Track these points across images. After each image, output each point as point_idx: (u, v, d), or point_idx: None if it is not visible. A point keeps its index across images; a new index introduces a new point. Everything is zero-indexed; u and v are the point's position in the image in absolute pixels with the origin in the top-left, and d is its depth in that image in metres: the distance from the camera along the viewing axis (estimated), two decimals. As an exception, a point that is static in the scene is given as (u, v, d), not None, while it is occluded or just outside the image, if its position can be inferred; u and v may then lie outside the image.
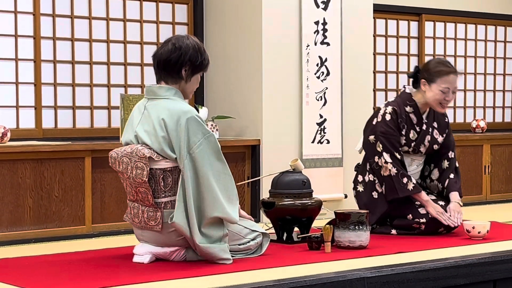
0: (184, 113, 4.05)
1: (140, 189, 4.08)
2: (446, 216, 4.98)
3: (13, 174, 5.13)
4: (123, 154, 4.13)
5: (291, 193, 4.75)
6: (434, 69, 5.03)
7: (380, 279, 3.84)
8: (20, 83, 5.75)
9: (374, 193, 5.04)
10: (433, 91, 5.01)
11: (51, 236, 5.20)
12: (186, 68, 4.16)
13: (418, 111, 5.10)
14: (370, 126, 5.12)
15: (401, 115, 5.04)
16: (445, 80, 5.00)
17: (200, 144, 4.03)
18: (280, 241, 4.77)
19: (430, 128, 5.14)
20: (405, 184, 4.94)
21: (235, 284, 3.55)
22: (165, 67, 4.15)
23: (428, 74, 5.04)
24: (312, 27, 6.22)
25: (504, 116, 8.34)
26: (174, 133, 4.03)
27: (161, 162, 4.07)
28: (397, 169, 4.94)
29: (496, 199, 7.41)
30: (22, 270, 3.99)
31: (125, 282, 3.65)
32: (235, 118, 6.17)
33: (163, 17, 6.35)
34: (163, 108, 4.09)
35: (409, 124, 5.07)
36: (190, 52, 4.14)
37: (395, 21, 7.57)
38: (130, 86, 6.19)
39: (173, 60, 4.13)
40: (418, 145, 5.10)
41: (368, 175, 5.08)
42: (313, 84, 6.24)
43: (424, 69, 5.10)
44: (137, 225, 4.16)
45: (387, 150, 4.98)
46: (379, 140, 5.00)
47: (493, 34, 8.20)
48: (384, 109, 5.07)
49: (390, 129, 5.01)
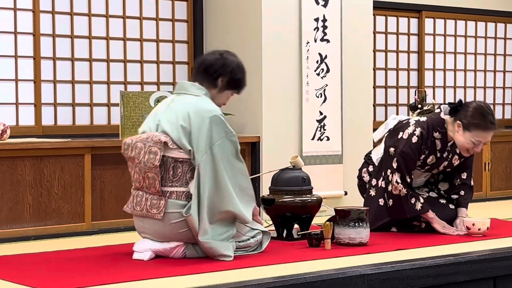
0: (210, 111, 4.15)
1: (148, 175, 4.12)
2: (453, 229, 4.95)
3: (12, 171, 5.13)
4: (138, 140, 4.20)
5: (291, 190, 4.75)
6: (472, 120, 4.81)
7: (380, 276, 3.84)
8: (20, 80, 5.74)
9: (381, 200, 5.00)
10: (465, 138, 4.84)
11: (51, 233, 5.19)
12: (224, 79, 4.28)
13: (446, 139, 4.95)
14: (395, 137, 4.99)
15: (426, 141, 4.91)
16: (480, 134, 4.82)
17: (222, 142, 4.12)
18: (280, 238, 4.77)
19: (450, 155, 5.01)
20: (413, 204, 4.89)
21: (235, 281, 3.55)
22: (206, 70, 4.28)
23: (466, 120, 4.82)
24: (312, 24, 6.22)
25: (504, 113, 8.34)
26: (197, 127, 4.10)
27: (175, 151, 4.12)
28: (407, 190, 4.88)
29: (496, 196, 7.41)
30: (21, 267, 3.99)
31: (125, 279, 3.65)
32: (235, 115, 6.17)
33: (162, 14, 6.35)
34: (190, 103, 4.19)
35: (432, 149, 4.95)
36: (233, 66, 4.30)
37: (395, 18, 7.56)
38: (130, 83, 6.19)
39: (215, 67, 4.27)
40: (432, 168, 5.06)
41: (381, 182, 5.01)
42: (313, 81, 6.23)
43: (463, 110, 4.85)
44: (139, 213, 4.17)
45: (400, 171, 4.88)
46: (396, 157, 4.90)
47: (493, 31, 8.20)
48: (413, 128, 4.92)
49: (412, 152, 4.89)
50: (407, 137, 4.92)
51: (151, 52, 6.29)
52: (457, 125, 4.86)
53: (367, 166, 5.22)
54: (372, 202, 5.02)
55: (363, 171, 5.23)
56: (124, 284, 3.57)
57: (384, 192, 4.98)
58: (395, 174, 4.90)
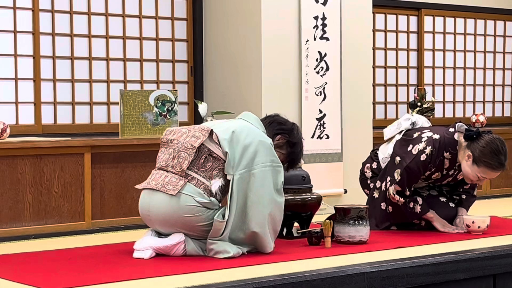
0: (264, 137, 4.25)
1: (181, 154, 4.17)
2: (452, 227, 4.95)
3: (12, 170, 5.13)
4: (184, 127, 4.30)
5: (291, 189, 4.75)
6: (484, 157, 4.75)
7: (380, 274, 3.84)
8: (19, 79, 5.74)
9: (383, 204, 5.00)
10: (472, 171, 4.80)
11: (51, 232, 5.20)
12: (281, 139, 4.40)
13: (455, 160, 4.90)
14: (404, 148, 4.95)
15: (434, 160, 4.86)
16: (488, 172, 4.80)
17: (265, 167, 4.15)
18: (280, 236, 4.76)
19: (456, 172, 4.98)
20: (412, 208, 4.90)
21: (235, 279, 3.55)
22: (271, 123, 4.42)
23: (477, 154, 4.77)
24: (311, 22, 6.22)
25: (503, 110, 8.34)
26: (246, 141, 4.17)
27: (214, 145, 4.18)
28: (404, 198, 4.88)
29: (496, 194, 7.41)
30: (21, 266, 3.99)
31: (126, 278, 3.65)
32: (235, 113, 6.16)
33: (162, 13, 6.35)
34: (247, 127, 4.27)
35: (439, 167, 4.91)
36: (294, 133, 4.45)
37: (394, 16, 7.56)
38: (129, 82, 6.19)
39: (281, 126, 4.43)
40: (434, 184, 5.07)
41: (385, 185, 4.98)
42: (313, 79, 6.23)
43: (478, 144, 4.79)
44: (152, 186, 4.19)
45: (401, 185, 4.86)
46: (401, 170, 4.86)
47: (492, 28, 8.20)
48: (424, 146, 4.85)
49: (417, 169, 4.85)
50: (416, 153, 4.86)
51: (151, 50, 6.29)
52: (467, 156, 4.80)
53: (371, 162, 5.19)
54: (375, 204, 5.01)
55: (366, 166, 5.21)
56: (125, 282, 3.57)
57: (385, 197, 4.98)
58: (395, 186, 4.87)
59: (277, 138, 4.40)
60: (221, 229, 4.07)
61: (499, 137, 4.84)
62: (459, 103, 8.03)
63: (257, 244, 4.18)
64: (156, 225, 4.20)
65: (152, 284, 3.54)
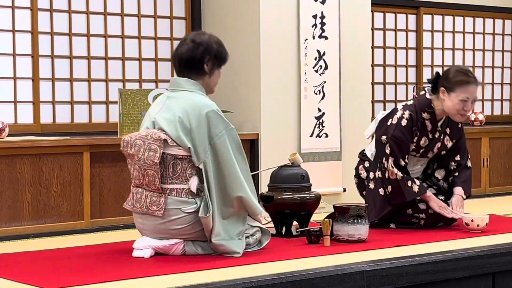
0: (207, 106, 4.12)
1: (148, 172, 4.11)
2: (449, 210, 4.97)
3: (11, 169, 5.13)
4: (137, 137, 4.17)
5: (290, 187, 4.75)
6: (454, 78, 4.90)
7: (379, 272, 3.84)
8: (18, 78, 5.74)
9: (381, 190, 5.01)
10: (452, 100, 4.90)
11: (50, 231, 5.20)
12: (209, 63, 4.23)
13: (435, 118, 5.00)
14: (384, 126, 5.03)
15: (416, 122, 4.95)
16: (465, 90, 4.88)
17: (222, 135, 4.11)
18: (279, 235, 4.77)
19: (442, 135, 5.06)
20: (410, 187, 4.91)
21: (234, 278, 3.55)
22: (188, 65, 4.21)
23: (448, 83, 4.91)
24: (310, 21, 6.22)
25: (502, 109, 8.34)
26: (196, 124, 4.08)
27: (174, 148, 4.10)
28: (402, 173, 4.90)
29: (495, 192, 7.42)
30: (20, 265, 3.99)
31: (125, 277, 3.65)
32: (233, 112, 6.17)
33: (160, 11, 6.34)
34: (187, 99, 4.15)
35: (423, 131, 4.99)
36: (211, 47, 4.22)
37: (393, 15, 7.56)
38: (128, 81, 6.19)
39: (195, 57, 4.19)
40: (426, 152, 5.07)
41: (378, 172, 5.03)
42: (311, 78, 6.23)
43: (444, 76, 4.97)
44: (138, 210, 4.17)
45: (394, 155, 4.92)
46: (389, 143, 4.93)
47: (491, 27, 8.20)
48: (401, 112, 4.97)
49: (403, 135, 4.92)
50: (397, 121, 4.95)
51: (149, 49, 6.29)
52: (442, 92, 4.93)
53: (363, 162, 5.22)
54: (373, 194, 5.03)
55: (359, 168, 5.23)
56: (124, 281, 3.57)
57: (382, 181, 4.99)
58: (390, 159, 4.92)
59: (206, 68, 4.22)
60: (210, 223, 4.04)
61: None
62: (458, 102, 8.03)
63: (248, 207, 4.15)
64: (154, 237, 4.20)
65: (151, 282, 3.54)
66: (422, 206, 5.01)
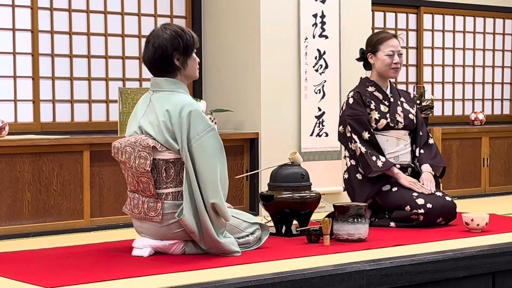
0: (187, 106, 4.05)
1: (142, 179, 4.09)
2: (419, 185, 5.09)
3: (11, 168, 5.13)
4: (127, 144, 4.13)
5: (290, 186, 4.75)
6: (374, 39, 5.25)
7: (378, 271, 3.84)
8: (18, 77, 5.74)
9: (358, 175, 5.14)
10: (380, 58, 5.21)
11: (50, 230, 5.20)
12: (177, 57, 4.15)
13: (380, 88, 5.26)
14: (339, 118, 5.27)
15: (365, 95, 5.19)
16: (387, 44, 5.20)
17: (199, 138, 4.03)
18: (279, 234, 4.77)
19: (398, 101, 5.27)
20: (374, 162, 5.05)
21: (234, 277, 3.55)
22: (158, 68, 4.15)
23: (371, 46, 5.25)
24: (310, 20, 6.22)
25: (502, 108, 8.34)
26: (177, 124, 4.03)
27: (165, 152, 4.07)
28: (365, 147, 5.07)
29: (495, 192, 7.41)
30: (20, 264, 3.99)
31: (125, 276, 3.65)
32: (234, 111, 6.17)
33: (161, 11, 6.34)
34: (167, 100, 4.10)
35: (376, 100, 5.21)
36: (170, 44, 4.10)
37: (393, 14, 7.56)
38: (128, 80, 6.19)
39: (161, 59, 4.12)
40: (393, 115, 5.21)
41: (350, 161, 5.19)
42: (312, 77, 6.23)
43: (366, 45, 5.30)
44: (137, 216, 4.16)
45: (354, 131, 5.10)
46: (347, 124, 5.14)
47: (491, 26, 8.20)
48: (347, 96, 5.24)
49: (355, 110, 5.15)
50: (345, 105, 5.21)
51: (150, 48, 6.28)
52: (370, 58, 5.27)
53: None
54: (349, 182, 5.18)
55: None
56: (124, 280, 3.57)
57: (357, 167, 5.13)
58: (353, 137, 5.10)
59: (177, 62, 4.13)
60: (189, 225, 3.99)
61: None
62: (458, 101, 8.03)
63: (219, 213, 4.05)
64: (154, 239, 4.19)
65: (151, 281, 3.54)
66: (420, 201, 5.02)
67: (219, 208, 4.04)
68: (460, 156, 7.21)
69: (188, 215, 3.99)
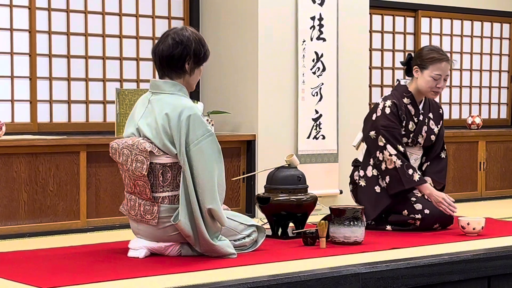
0: (187, 110, 4.03)
1: (138, 182, 4.08)
2: (446, 204, 4.98)
3: (8, 168, 5.12)
4: (124, 146, 4.11)
5: (286, 189, 4.75)
6: (426, 56, 5.08)
7: (374, 275, 3.84)
8: (15, 77, 5.74)
9: (376, 187, 5.03)
10: (425, 78, 5.07)
11: (46, 230, 5.19)
12: (189, 61, 4.14)
13: (415, 101, 5.14)
14: (369, 122, 5.12)
15: (400, 107, 5.07)
16: (437, 67, 5.06)
17: (198, 142, 4.01)
18: (275, 236, 4.77)
19: (426, 119, 5.18)
20: (410, 175, 4.95)
21: (230, 279, 3.55)
22: (168, 63, 4.13)
23: (421, 61, 5.09)
24: (308, 23, 6.22)
25: (499, 112, 8.35)
26: (176, 128, 4.01)
27: (162, 157, 4.06)
28: (402, 160, 4.96)
29: (491, 196, 7.42)
30: (16, 264, 3.99)
31: (120, 277, 3.65)
32: (231, 113, 6.17)
33: (159, 12, 6.34)
34: (167, 103, 4.07)
35: (408, 115, 5.11)
36: (192, 45, 4.12)
37: (391, 17, 7.57)
38: (126, 81, 6.18)
39: (176, 56, 4.10)
40: (416, 136, 5.13)
41: (372, 170, 5.07)
42: (309, 80, 6.23)
43: (416, 56, 5.15)
44: (133, 217, 4.16)
45: (390, 143, 4.99)
46: (380, 134, 5.01)
47: (489, 30, 8.21)
48: (383, 103, 5.08)
49: (391, 122, 5.03)
50: (381, 112, 5.05)
51: (147, 49, 6.28)
52: (415, 71, 5.11)
53: (357, 169, 5.24)
54: (365, 191, 5.08)
55: (354, 174, 5.25)
56: (119, 281, 3.57)
57: (377, 178, 5.03)
58: (387, 149, 4.98)
59: (187, 67, 4.13)
60: (185, 229, 3.98)
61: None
62: (455, 105, 8.04)
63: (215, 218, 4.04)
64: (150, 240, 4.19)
65: (146, 283, 3.54)
66: (418, 207, 5.02)
67: (215, 214, 4.03)
68: (457, 159, 7.22)
69: (183, 219, 3.98)
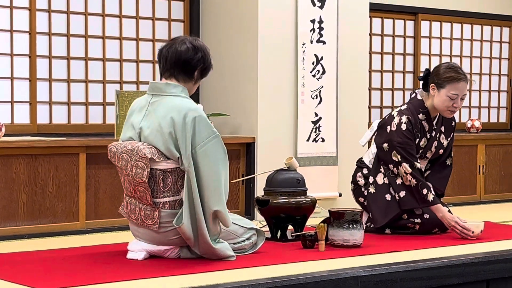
0: (192, 111, 4.03)
1: (139, 188, 4.06)
2: (460, 228, 4.87)
3: (7, 169, 5.12)
4: (123, 151, 4.09)
5: (286, 191, 4.75)
6: (443, 75, 4.96)
7: (373, 278, 3.84)
8: (15, 78, 5.74)
9: (387, 195, 5.01)
10: (442, 96, 4.96)
11: (45, 232, 5.19)
12: (199, 70, 4.16)
13: (430, 118, 5.06)
14: (384, 133, 5.04)
15: (415, 125, 4.99)
16: (455, 86, 4.95)
17: (204, 144, 4.01)
18: (274, 239, 4.77)
19: (438, 134, 5.12)
20: (425, 195, 4.91)
21: (229, 282, 3.55)
22: (183, 66, 4.12)
23: (438, 79, 4.97)
24: (308, 25, 6.22)
25: (499, 116, 8.35)
26: (181, 131, 3.99)
27: (162, 163, 4.04)
28: (417, 179, 4.90)
29: (490, 199, 7.42)
30: (15, 266, 3.99)
31: (119, 279, 3.65)
32: (230, 115, 6.17)
33: (159, 14, 6.35)
34: (170, 105, 4.06)
35: (422, 132, 5.04)
36: (206, 55, 4.16)
37: (391, 20, 7.57)
38: (126, 83, 6.19)
39: (194, 60, 4.12)
40: (425, 152, 5.10)
41: (384, 178, 5.04)
42: (309, 83, 6.24)
43: (434, 73, 5.03)
44: (134, 221, 4.15)
45: (406, 160, 4.92)
46: (395, 150, 4.94)
47: (489, 34, 8.21)
48: (399, 118, 4.99)
49: (407, 139, 4.95)
50: (396, 128, 4.98)
51: (147, 51, 6.29)
52: (432, 88, 5.00)
53: (361, 170, 5.22)
54: (375, 198, 5.04)
55: (357, 175, 5.23)
56: (118, 283, 3.57)
57: (389, 187, 5.00)
58: (402, 166, 4.92)
59: (195, 74, 4.16)
60: (186, 232, 3.98)
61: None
62: (455, 108, 8.03)
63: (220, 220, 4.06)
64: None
65: (145, 285, 3.54)
66: (418, 211, 5.02)
67: (221, 215, 4.03)
68: (456, 163, 7.20)
69: (186, 222, 3.97)
